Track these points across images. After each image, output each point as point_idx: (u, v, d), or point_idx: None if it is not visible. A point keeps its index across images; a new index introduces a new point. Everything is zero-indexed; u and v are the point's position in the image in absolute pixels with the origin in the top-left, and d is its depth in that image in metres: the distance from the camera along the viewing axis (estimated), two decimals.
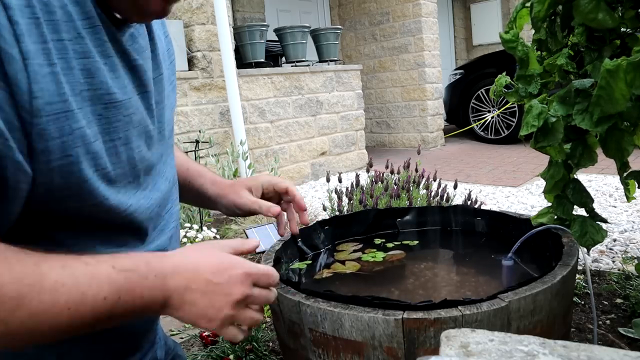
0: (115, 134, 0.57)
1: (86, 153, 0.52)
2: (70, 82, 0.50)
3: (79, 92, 0.51)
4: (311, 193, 4.03)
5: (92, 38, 0.53)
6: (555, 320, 0.86)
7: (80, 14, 0.51)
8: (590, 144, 1.18)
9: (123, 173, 0.59)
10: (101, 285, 0.50)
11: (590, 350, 0.43)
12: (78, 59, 0.51)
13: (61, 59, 0.49)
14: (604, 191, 3.30)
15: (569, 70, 1.15)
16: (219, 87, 3.76)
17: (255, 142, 4.04)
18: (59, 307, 0.47)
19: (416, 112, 6.03)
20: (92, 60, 0.53)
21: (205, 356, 1.47)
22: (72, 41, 0.50)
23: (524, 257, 1.10)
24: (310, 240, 1.27)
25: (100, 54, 0.54)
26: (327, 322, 0.81)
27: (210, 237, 2.83)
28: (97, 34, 0.53)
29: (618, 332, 1.47)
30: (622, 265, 2.00)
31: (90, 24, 0.52)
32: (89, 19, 0.52)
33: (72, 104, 0.50)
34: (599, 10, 1.00)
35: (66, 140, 0.50)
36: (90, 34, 0.53)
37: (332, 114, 4.76)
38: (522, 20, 1.25)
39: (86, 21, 0.52)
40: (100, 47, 0.54)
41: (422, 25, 5.80)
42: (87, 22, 0.52)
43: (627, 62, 0.88)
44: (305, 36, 4.50)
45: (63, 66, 0.49)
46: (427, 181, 2.64)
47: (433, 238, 1.36)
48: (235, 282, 0.60)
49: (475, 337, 0.47)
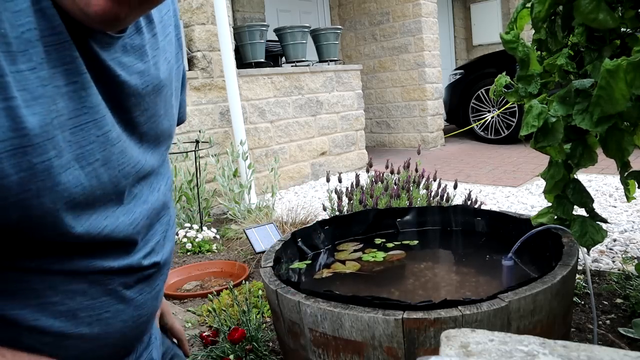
0: (92, 157, 0.55)
1: (53, 185, 0.50)
2: (36, 112, 0.48)
3: (50, 120, 0.49)
4: (311, 193, 4.03)
5: (59, 56, 0.50)
6: (555, 320, 0.86)
7: (47, 30, 0.48)
8: (590, 144, 1.18)
9: (104, 194, 0.57)
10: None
11: (590, 350, 0.43)
12: (44, 87, 0.49)
13: (22, 90, 0.47)
14: (604, 191, 3.30)
15: (569, 70, 1.15)
16: (219, 87, 3.76)
17: (255, 142, 4.04)
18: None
19: (416, 112, 6.03)
20: (54, 86, 0.50)
21: (205, 356, 1.47)
22: (37, 68, 0.48)
23: (524, 257, 1.10)
24: (310, 240, 1.27)
25: (67, 72, 0.51)
26: (327, 322, 0.81)
27: (210, 237, 2.83)
28: (65, 49, 0.50)
29: (618, 332, 1.47)
30: (622, 265, 2.00)
31: (58, 39, 0.49)
32: (56, 35, 0.49)
33: (35, 137, 0.48)
34: (600, 10, 1.00)
35: (24, 175, 0.48)
36: (57, 50, 0.49)
37: (332, 114, 4.76)
38: (523, 21, 1.25)
39: (54, 37, 0.49)
40: (69, 65, 0.51)
41: (422, 25, 5.80)
42: (54, 37, 0.49)
43: (627, 62, 0.88)
44: (305, 36, 4.50)
45: (26, 97, 0.47)
46: (427, 181, 2.64)
47: (433, 238, 1.36)
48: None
49: (475, 337, 0.47)
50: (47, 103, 0.49)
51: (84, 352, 0.61)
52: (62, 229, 0.53)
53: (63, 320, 0.57)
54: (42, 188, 0.49)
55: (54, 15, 0.49)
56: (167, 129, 0.71)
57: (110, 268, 0.61)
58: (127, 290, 0.63)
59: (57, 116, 0.50)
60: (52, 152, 0.49)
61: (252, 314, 1.56)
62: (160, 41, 0.67)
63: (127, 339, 0.67)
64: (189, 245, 2.69)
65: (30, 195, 0.49)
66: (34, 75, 0.48)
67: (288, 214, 2.74)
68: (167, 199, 0.73)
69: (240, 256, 2.51)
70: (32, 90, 0.48)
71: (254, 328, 1.49)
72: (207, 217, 3.16)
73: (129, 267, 0.63)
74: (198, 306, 1.93)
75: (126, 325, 0.64)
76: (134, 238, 0.64)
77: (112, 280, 0.61)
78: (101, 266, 0.59)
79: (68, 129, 0.52)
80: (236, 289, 1.89)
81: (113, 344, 0.65)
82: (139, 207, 0.64)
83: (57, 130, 0.50)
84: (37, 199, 0.49)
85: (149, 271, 0.67)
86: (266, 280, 0.99)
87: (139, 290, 0.66)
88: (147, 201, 0.66)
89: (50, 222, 0.52)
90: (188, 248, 2.67)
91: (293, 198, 3.83)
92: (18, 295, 0.55)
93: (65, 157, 0.52)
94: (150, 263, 0.67)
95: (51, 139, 0.49)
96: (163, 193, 0.71)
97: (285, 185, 4.30)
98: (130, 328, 0.66)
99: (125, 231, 0.61)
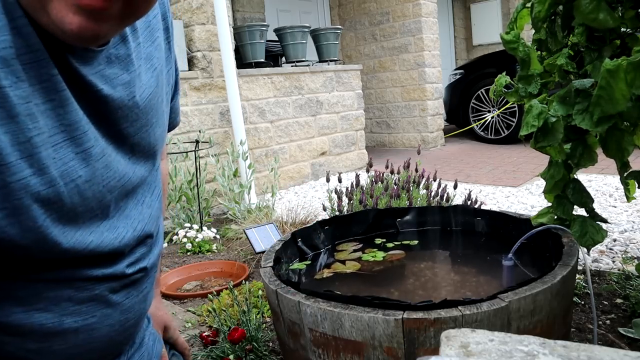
0: (75, 173, 0.54)
1: (33, 202, 0.50)
2: (11, 131, 0.47)
3: (28, 139, 0.48)
4: (311, 193, 4.03)
5: (36, 74, 0.49)
6: (555, 320, 0.86)
7: (22, 48, 0.48)
8: (590, 144, 1.18)
9: (88, 209, 0.57)
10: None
11: (590, 350, 0.43)
12: (23, 104, 0.48)
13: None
14: (604, 191, 3.30)
15: (569, 70, 1.15)
16: (219, 87, 3.76)
17: (255, 142, 4.04)
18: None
19: (416, 112, 6.03)
20: (34, 104, 0.49)
21: (205, 356, 1.47)
22: (13, 87, 0.47)
23: (524, 257, 1.10)
24: (310, 240, 1.27)
25: (45, 90, 0.50)
26: (327, 322, 0.81)
27: (210, 237, 2.83)
28: (42, 67, 0.50)
29: (618, 332, 1.47)
30: (622, 265, 2.00)
31: (34, 57, 0.49)
32: (33, 53, 0.49)
33: (8, 157, 0.47)
34: (600, 10, 1.00)
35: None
36: (34, 68, 0.49)
37: (332, 114, 4.76)
38: (523, 21, 1.25)
39: (30, 55, 0.48)
40: (46, 83, 0.50)
41: (422, 25, 5.80)
42: (30, 56, 0.48)
43: (627, 62, 0.88)
44: (305, 36, 4.49)
45: (2, 115, 0.46)
46: (427, 181, 2.64)
47: (433, 238, 1.36)
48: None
49: (475, 337, 0.47)
50: (25, 121, 0.48)
51: (71, 357, 0.61)
52: (46, 246, 0.53)
53: (48, 327, 0.57)
54: (20, 206, 0.49)
55: (30, 33, 0.48)
56: (159, 136, 0.70)
57: (95, 276, 0.60)
58: (113, 294, 0.63)
59: (38, 134, 0.50)
60: (26, 170, 0.49)
61: (252, 314, 1.56)
62: (147, 47, 0.66)
63: (114, 342, 0.66)
64: (189, 245, 2.69)
65: (7, 213, 0.48)
66: (12, 92, 0.47)
67: (288, 214, 2.74)
68: (153, 210, 0.71)
69: (240, 256, 2.51)
70: (9, 108, 0.47)
71: (254, 328, 1.49)
72: (207, 217, 3.16)
73: (113, 275, 0.62)
74: (198, 306, 1.93)
75: (113, 329, 0.64)
76: (121, 250, 0.63)
77: (98, 286, 0.61)
78: (86, 274, 0.59)
79: (50, 147, 0.51)
80: (236, 289, 1.89)
81: (100, 348, 0.64)
82: (122, 222, 0.64)
83: (38, 148, 0.50)
84: (14, 217, 0.49)
85: (136, 276, 0.67)
86: (266, 280, 0.99)
87: (126, 294, 0.65)
88: (130, 216, 0.65)
89: (33, 239, 0.51)
90: (188, 248, 2.67)
91: (293, 198, 3.83)
92: (1, 303, 0.54)
93: (48, 175, 0.51)
94: (136, 270, 0.67)
95: (28, 157, 0.49)
96: (148, 205, 0.70)
97: (285, 185, 4.30)
98: (117, 332, 0.65)
99: (110, 245, 0.61)
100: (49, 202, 0.51)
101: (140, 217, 0.67)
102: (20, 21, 0.47)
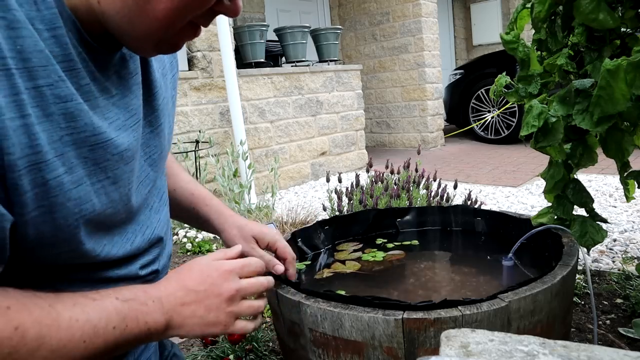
0: (103, 174, 0.56)
1: (66, 201, 0.51)
2: (47, 129, 0.48)
3: (59, 138, 0.50)
4: (311, 193, 4.03)
5: (73, 81, 0.51)
6: (555, 321, 0.86)
7: (59, 56, 0.49)
8: (590, 144, 1.18)
9: (114, 212, 0.58)
10: (109, 316, 0.54)
11: (590, 350, 0.43)
12: (58, 104, 0.49)
13: (36, 107, 0.47)
14: (604, 191, 3.30)
15: (569, 70, 1.15)
16: (219, 87, 3.76)
17: (255, 142, 4.04)
18: (75, 341, 0.51)
19: (416, 112, 6.03)
20: (74, 103, 0.51)
21: (205, 356, 1.47)
22: (52, 86, 0.48)
23: (524, 257, 1.10)
24: (310, 240, 1.27)
25: (83, 95, 0.52)
26: (327, 322, 0.81)
27: (210, 237, 2.83)
28: (75, 77, 0.52)
29: (618, 332, 1.47)
30: (622, 265, 2.00)
31: (69, 66, 0.51)
32: (68, 62, 0.50)
33: (46, 154, 0.48)
34: (600, 10, 1.00)
35: (39, 191, 0.48)
36: (70, 77, 0.51)
37: (332, 114, 4.76)
38: (523, 21, 1.25)
39: (65, 64, 0.50)
40: (83, 89, 0.52)
41: (422, 25, 5.80)
42: (66, 64, 0.50)
43: (627, 62, 0.88)
44: (305, 36, 4.49)
45: (38, 114, 0.47)
46: (427, 181, 2.64)
47: (433, 238, 1.36)
48: (220, 282, 0.66)
49: (475, 337, 0.47)
50: (58, 121, 0.50)
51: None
52: (72, 245, 0.54)
53: None
54: (55, 204, 0.50)
55: (67, 43, 0.50)
56: (167, 137, 0.73)
57: (109, 277, 0.62)
58: None
59: (72, 132, 0.51)
60: (61, 168, 0.50)
61: None
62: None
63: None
64: (188, 245, 2.69)
65: (44, 211, 0.50)
66: (50, 91, 0.48)
67: (288, 214, 2.74)
68: (162, 215, 0.73)
69: None
70: (46, 107, 0.48)
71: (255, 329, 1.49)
72: None
73: (127, 276, 0.64)
74: None
75: None
76: (132, 254, 0.65)
77: (113, 286, 0.62)
78: (101, 276, 0.61)
79: (87, 146, 0.53)
80: None
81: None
82: (132, 227, 0.65)
83: (68, 147, 0.51)
84: (49, 214, 0.50)
85: (148, 278, 0.68)
86: None
87: None
88: (139, 221, 0.67)
89: (62, 238, 0.53)
90: (188, 248, 2.67)
91: (293, 198, 3.83)
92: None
93: (77, 174, 0.52)
94: (149, 272, 0.68)
95: (60, 156, 0.50)
96: (156, 210, 0.72)
97: (285, 185, 4.30)
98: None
99: (123, 249, 0.63)
100: (78, 202, 0.53)
101: (149, 223, 0.69)
102: (59, 31, 0.49)
